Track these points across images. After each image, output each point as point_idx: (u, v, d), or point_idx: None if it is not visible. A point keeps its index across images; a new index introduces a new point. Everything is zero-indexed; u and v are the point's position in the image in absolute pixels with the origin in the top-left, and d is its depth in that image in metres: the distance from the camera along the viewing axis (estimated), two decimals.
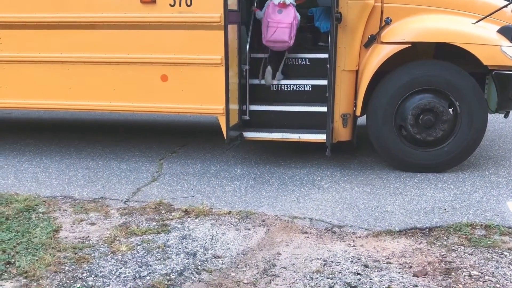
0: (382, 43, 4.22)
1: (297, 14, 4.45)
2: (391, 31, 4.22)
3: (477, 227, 3.27)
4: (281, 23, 4.34)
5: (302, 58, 4.74)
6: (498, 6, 4.28)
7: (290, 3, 4.40)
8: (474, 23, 4.16)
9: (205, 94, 4.41)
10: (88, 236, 3.12)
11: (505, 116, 4.47)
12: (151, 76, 4.48)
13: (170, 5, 4.28)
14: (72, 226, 3.29)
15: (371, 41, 4.26)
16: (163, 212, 3.53)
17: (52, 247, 2.91)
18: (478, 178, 4.17)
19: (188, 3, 4.26)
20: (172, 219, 3.38)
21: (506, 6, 4.24)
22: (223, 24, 4.14)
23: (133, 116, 6.47)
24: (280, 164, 4.62)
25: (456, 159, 4.30)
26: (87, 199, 3.81)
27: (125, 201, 3.76)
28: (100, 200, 3.79)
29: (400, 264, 2.82)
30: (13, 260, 2.73)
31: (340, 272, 2.70)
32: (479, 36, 4.07)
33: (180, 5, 4.27)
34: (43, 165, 4.64)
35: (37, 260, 2.72)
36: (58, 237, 3.09)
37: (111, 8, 4.35)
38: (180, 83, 4.45)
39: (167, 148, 5.17)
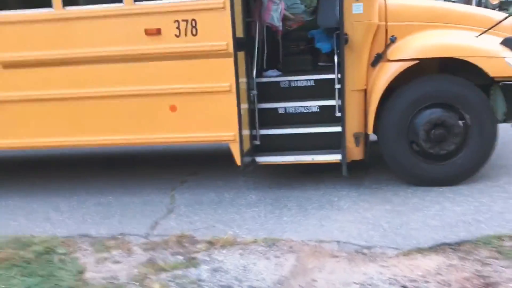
0: (389, 61, 4.27)
1: None
2: (396, 49, 4.27)
3: (505, 239, 3.26)
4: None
5: (307, 80, 4.77)
6: (497, 19, 4.38)
7: None
8: (477, 37, 4.24)
9: (215, 122, 4.39)
10: (117, 276, 3.04)
11: None
12: (160, 107, 4.44)
13: (176, 35, 4.28)
14: (96, 266, 3.21)
15: (377, 59, 4.31)
16: (186, 245, 3.47)
17: None
18: (493, 189, 4.19)
19: (194, 33, 4.27)
20: (198, 252, 3.32)
21: (506, 18, 4.33)
22: (229, 51, 4.16)
23: (135, 148, 6.40)
24: (294, 187, 4.59)
25: (470, 171, 4.32)
26: (105, 236, 3.73)
27: (146, 236, 3.69)
28: (119, 236, 3.71)
29: (438, 282, 2.79)
30: None
31: None
32: (483, 49, 4.14)
33: (185, 35, 4.27)
34: (53, 203, 4.55)
35: None
36: (85, 279, 3.01)
37: (117, 41, 4.33)
38: (190, 112, 4.42)
39: (176, 178, 5.10)
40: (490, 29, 4.24)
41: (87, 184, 5.05)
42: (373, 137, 4.56)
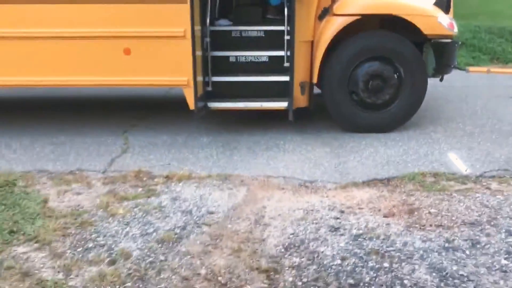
0: (335, 15, 4.58)
1: None
2: (342, 4, 4.59)
3: (427, 176, 3.78)
4: None
5: (257, 31, 4.99)
6: None
7: None
8: None
9: (169, 67, 4.53)
10: (80, 204, 3.24)
11: (441, 80, 5.05)
12: (114, 50, 4.51)
13: None
14: (59, 197, 3.38)
15: (324, 13, 4.61)
16: (144, 179, 3.70)
17: (49, 216, 3.02)
18: (421, 136, 4.71)
19: None
20: (156, 184, 3.57)
21: None
22: None
23: (82, 92, 6.38)
24: (243, 132, 4.89)
25: (401, 119, 4.81)
26: (63, 171, 3.87)
27: (104, 172, 3.88)
28: (77, 172, 3.87)
29: (370, 208, 3.24)
30: (15, 229, 2.82)
31: (322, 218, 3.08)
32: (419, 9, 4.57)
33: None
34: (4, 142, 4.56)
35: (41, 227, 2.83)
36: (50, 207, 3.19)
37: None
38: (144, 56, 4.52)
39: (126, 122, 5.21)
40: None
41: (37, 125, 5.06)
42: (317, 90, 4.91)
